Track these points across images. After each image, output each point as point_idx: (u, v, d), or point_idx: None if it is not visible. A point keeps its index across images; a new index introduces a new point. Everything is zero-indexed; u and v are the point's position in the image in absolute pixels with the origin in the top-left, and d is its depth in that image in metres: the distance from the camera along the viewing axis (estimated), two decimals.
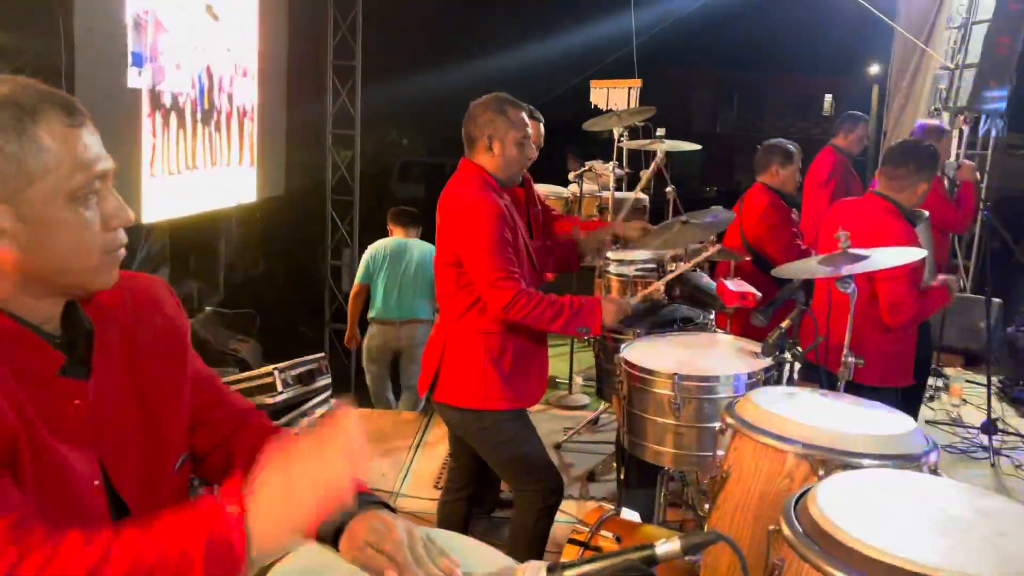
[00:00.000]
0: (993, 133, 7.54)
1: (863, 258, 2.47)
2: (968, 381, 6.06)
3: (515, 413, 2.83)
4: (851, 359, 2.52)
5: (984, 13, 7.26)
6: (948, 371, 6.40)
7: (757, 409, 1.81)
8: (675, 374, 2.60)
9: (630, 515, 2.76)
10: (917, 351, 4.79)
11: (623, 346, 2.89)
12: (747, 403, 1.87)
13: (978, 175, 6.51)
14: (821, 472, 1.58)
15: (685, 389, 2.62)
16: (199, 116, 5.83)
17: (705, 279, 3.60)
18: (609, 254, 5.09)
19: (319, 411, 4.33)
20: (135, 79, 4.99)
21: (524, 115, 2.86)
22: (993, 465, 4.82)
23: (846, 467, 1.59)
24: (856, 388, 3.27)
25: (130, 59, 4.91)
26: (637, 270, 4.58)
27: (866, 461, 1.64)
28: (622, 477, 3.10)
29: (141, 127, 5.07)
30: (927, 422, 5.50)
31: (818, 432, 1.70)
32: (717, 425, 2.04)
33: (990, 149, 7.72)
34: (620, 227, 3.59)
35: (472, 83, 10.61)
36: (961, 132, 7.75)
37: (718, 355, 2.84)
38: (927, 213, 3.62)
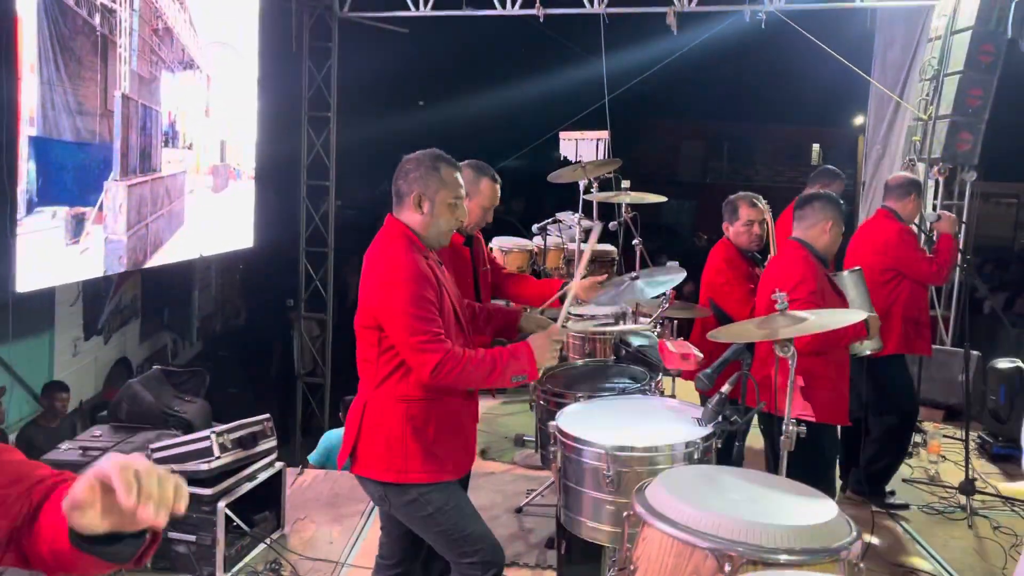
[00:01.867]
0: (968, 182, 7.49)
1: (801, 320, 2.33)
2: (946, 436, 5.89)
3: (443, 484, 2.65)
4: (792, 427, 2.36)
5: (955, 65, 7.25)
6: (927, 426, 6.24)
7: (666, 495, 1.65)
8: (609, 445, 2.43)
9: None
10: (900, 405, 4.74)
11: (559, 412, 2.73)
12: (657, 487, 1.70)
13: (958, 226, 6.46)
14: (727, 569, 1.41)
15: (620, 461, 2.46)
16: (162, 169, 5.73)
17: (650, 340, 3.46)
18: (571, 310, 4.98)
19: (263, 475, 4.14)
20: None
21: (458, 175, 2.74)
22: (971, 527, 4.64)
23: (757, 563, 1.43)
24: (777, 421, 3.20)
25: None
26: (596, 326, 4.44)
27: (782, 557, 1.47)
28: (563, 551, 2.91)
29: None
30: (904, 480, 5.32)
31: (728, 523, 1.54)
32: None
33: (967, 198, 7.67)
34: (574, 287, 3.49)
35: (449, 132, 10.63)
36: (937, 183, 7.71)
37: (659, 422, 2.68)
38: (858, 267, 3.63)
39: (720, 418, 2.55)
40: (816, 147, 28.03)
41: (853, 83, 9.06)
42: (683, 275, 3.56)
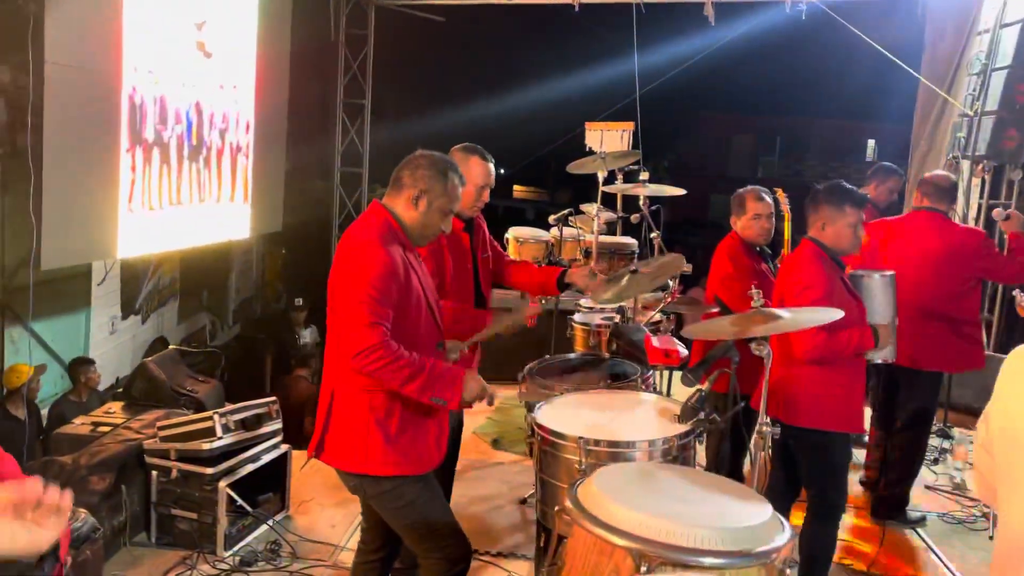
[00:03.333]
0: (1016, 180, 7.19)
1: (776, 318, 2.26)
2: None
3: (416, 476, 2.64)
4: (767, 428, 2.29)
5: (1004, 60, 6.98)
6: (956, 432, 6.04)
7: (596, 493, 1.61)
8: (581, 437, 2.40)
9: None
10: (919, 423, 4.58)
11: (538, 405, 2.70)
12: (589, 485, 1.67)
13: None
14: (643, 569, 1.38)
15: (593, 455, 2.42)
16: (186, 152, 5.83)
17: (641, 334, 3.39)
18: (580, 301, 4.93)
19: (266, 456, 4.19)
20: None
21: (461, 190, 2.73)
22: (991, 538, 4.46)
23: (676, 565, 1.39)
24: (806, 434, 3.11)
25: None
26: (603, 319, 4.39)
27: (706, 559, 1.43)
28: (541, 544, 2.88)
29: (119, 162, 5.08)
30: (927, 487, 5.16)
31: (651, 523, 1.50)
32: None
33: (1014, 197, 7.38)
34: (570, 275, 3.45)
35: (480, 125, 10.62)
36: (983, 181, 7.44)
37: (638, 418, 2.64)
38: (891, 272, 3.41)
39: (699, 416, 2.49)
40: (872, 143, 27.30)
41: (908, 76, 8.78)
42: (683, 267, 3.49)
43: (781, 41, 10.64)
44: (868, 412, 4.38)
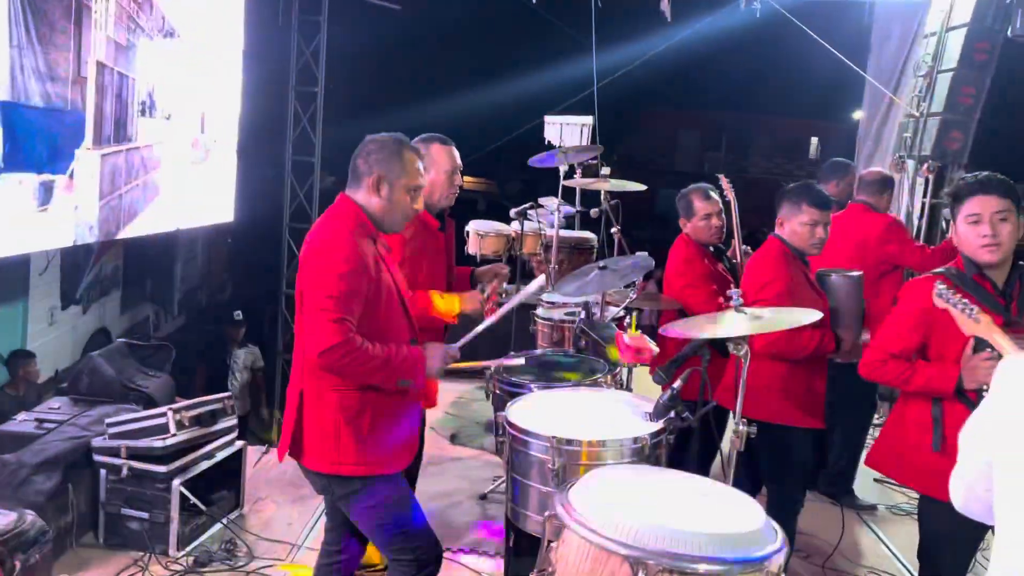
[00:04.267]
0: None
1: (755, 317, 2.27)
2: None
3: (387, 476, 2.59)
4: (743, 427, 2.30)
5: (949, 62, 7.16)
6: None
7: (589, 497, 1.59)
8: (554, 436, 2.37)
9: None
10: (861, 405, 4.74)
11: (509, 403, 2.67)
12: (580, 488, 1.64)
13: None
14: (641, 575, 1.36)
15: (566, 454, 2.40)
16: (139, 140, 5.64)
17: (610, 331, 3.39)
18: (544, 296, 4.92)
19: (221, 453, 4.08)
20: None
21: (420, 164, 2.66)
22: None
23: (673, 572, 1.37)
24: (766, 428, 3.13)
25: None
26: (566, 314, 4.38)
27: (701, 566, 1.41)
28: (510, 543, 2.86)
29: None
30: (875, 480, 5.28)
31: (646, 529, 1.48)
32: None
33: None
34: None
35: (434, 114, 10.53)
36: (927, 181, 7.64)
37: (610, 416, 2.63)
38: (859, 273, 3.45)
39: (671, 414, 2.49)
40: (815, 140, 27.91)
41: (852, 77, 8.97)
42: (652, 264, 3.49)
43: (733, 39, 10.76)
44: None
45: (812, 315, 2.46)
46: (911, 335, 2.76)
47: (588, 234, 5.88)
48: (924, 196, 7.64)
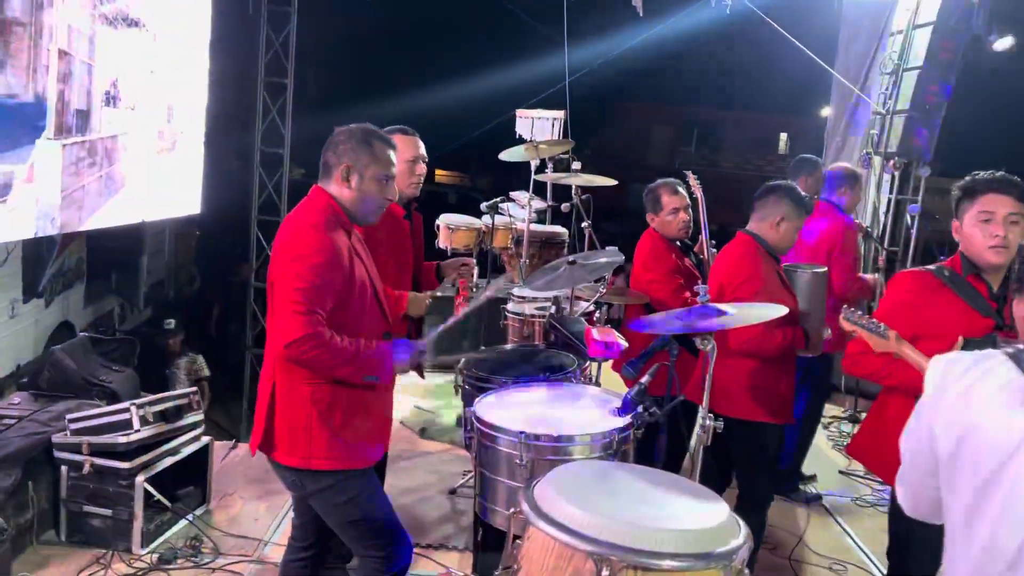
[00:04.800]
0: (923, 177, 7.51)
1: (722, 313, 2.28)
2: None
3: (359, 471, 2.56)
4: (710, 422, 2.31)
5: (915, 60, 7.26)
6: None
7: (554, 495, 1.58)
8: (522, 432, 2.37)
9: None
10: (812, 401, 4.82)
11: (477, 398, 2.66)
12: (546, 485, 1.64)
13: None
14: (605, 573, 1.36)
15: (533, 449, 2.40)
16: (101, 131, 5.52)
17: (580, 326, 3.39)
18: (514, 291, 4.91)
19: (187, 449, 4.02)
20: None
21: (391, 153, 2.63)
22: None
23: (637, 568, 1.37)
24: (737, 424, 3.15)
25: None
26: (536, 309, 4.38)
27: (665, 562, 1.41)
28: (478, 538, 2.86)
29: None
30: (840, 472, 5.37)
31: (611, 526, 1.48)
32: None
33: (920, 193, 7.70)
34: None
35: (405, 107, 10.45)
36: (893, 177, 7.74)
37: (578, 411, 2.63)
38: (824, 268, 3.49)
39: (639, 409, 2.49)
40: (784, 136, 28.17)
41: (821, 74, 9.05)
42: (621, 259, 3.49)
43: (704, 35, 10.82)
44: None
45: (778, 310, 2.48)
46: (898, 329, 2.67)
47: (559, 228, 5.88)
48: (890, 192, 7.75)
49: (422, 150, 3.38)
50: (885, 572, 4.02)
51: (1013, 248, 2.58)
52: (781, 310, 2.48)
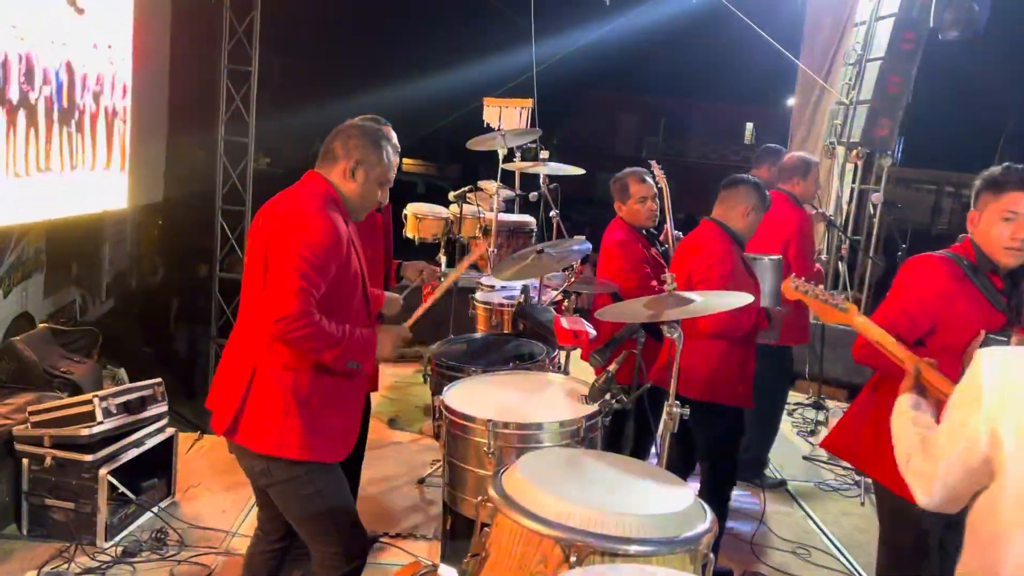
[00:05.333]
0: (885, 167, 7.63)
1: (688, 301, 2.30)
2: None
3: (328, 465, 2.54)
4: (676, 409, 2.34)
5: (878, 51, 7.36)
6: (830, 404, 6.41)
7: (522, 482, 1.59)
8: (490, 420, 2.37)
9: (448, 573, 2.52)
10: (773, 392, 4.88)
11: (446, 387, 2.66)
12: (514, 473, 1.65)
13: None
14: (573, 559, 1.37)
15: (502, 437, 2.41)
16: (56, 115, 5.40)
17: (548, 315, 3.40)
18: (482, 280, 4.91)
19: (151, 441, 3.97)
20: None
21: (396, 159, 2.65)
22: (863, 504, 4.77)
23: (604, 553, 1.38)
24: (701, 407, 3.18)
25: None
26: (504, 298, 4.38)
27: (632, 547, 1.43)
28: (447, 527, 2.86)
29: None
30: (804, 457, 5.46)
31: (578, 512, 1.49)
32: None
33: (883, 183, 7.82)
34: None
35: (373, 96, 10.37)
36: (856, 167, 7.85)
37: (546, 399, 2.64)
38: (780, 257, 3.57)
39: (607, 396, 2.51)
40: (750, 126, 28.45)
41: (786, 64, 9.14)
42: (589, 248, 3.51)
43: (671, 24, 10.86)
44: None
45: (743, 298, 2.51)
46: (920, 318, 2.54)
47: (527, 217, 5.89)
48: (853, 182, 7.87)
49: (395, 140, 3.37)
50: (848, 556, 4.13)
51: None
52: (747, 298, 2.51)
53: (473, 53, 11.69)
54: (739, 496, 4.65)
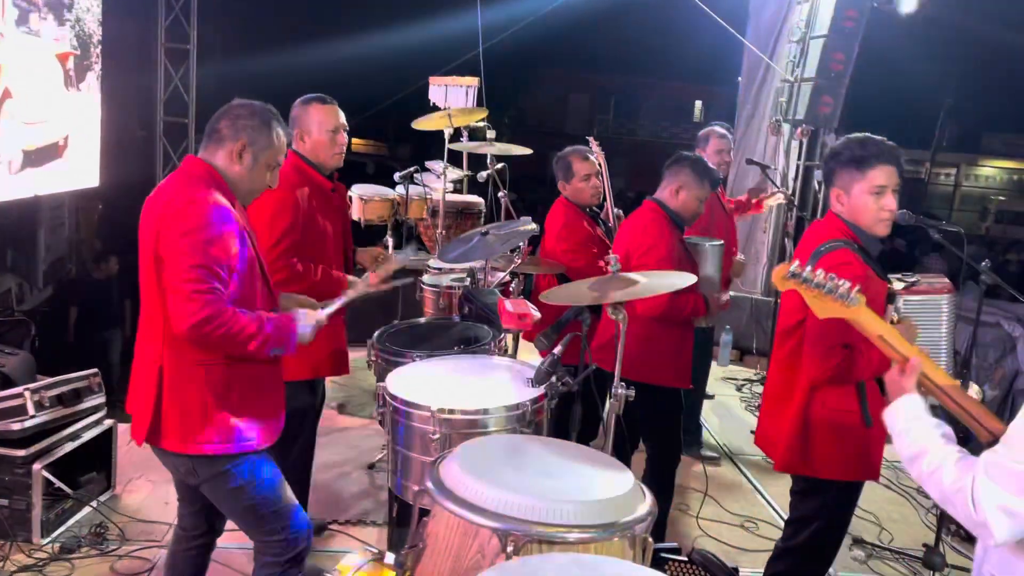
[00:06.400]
0: (829, 144, 7.72)
1: (633, 283, 2.28)
2: None
3: (254, 453, 2.47)
4: (622, 390, 2.33)
5: (821, 29, 7.42)
6: None
7: (458, 471, 1.56)
8: (435, 407, 2.33)
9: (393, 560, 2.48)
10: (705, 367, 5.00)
11: (390, 373, 2.61)
12: (451, 461, 1.62)
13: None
14: (509, 549, 1.34)
15: (448, 423, 2.37)
16: None
17: (494, 297, 3.37)
18: (430, 263, 4.86)
19: (88, 434, 3.85)
20: None
21: (286, 141, 2.54)
22: None
23: (543, 541, 1.36)
24: (642, 388, 3.19)
25: None
26: (452, 280, 4.34)
27: (571, 535, 1.41)
28: (394, 514, 2.82)
29: None
30: (752, 432, 5.52)
31: (515, 500, 1.47)
32: None
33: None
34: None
35: (317, 74, 10.16)
36: (801, 144, 7.94)
37: (492, 383, 2.61)
38: (720, 241, 3.59)
39: (553, 379, 2.49)
40: (699, 104, 28.67)
41: (734, 42, 9.18)
42: (535, 229, 3.48)
43: (621, 1, 10.84)
44: None
45: (685, 279, 2.50)
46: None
47: (475, 198, 5.83)
48: (799, 159, 7.96)
49: (342, 119, 3.30)
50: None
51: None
52: (689, 278, 2.50)
53: (419, 29, 11.52)
54: (689, 472, 4.71)
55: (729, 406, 6.16)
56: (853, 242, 2.59)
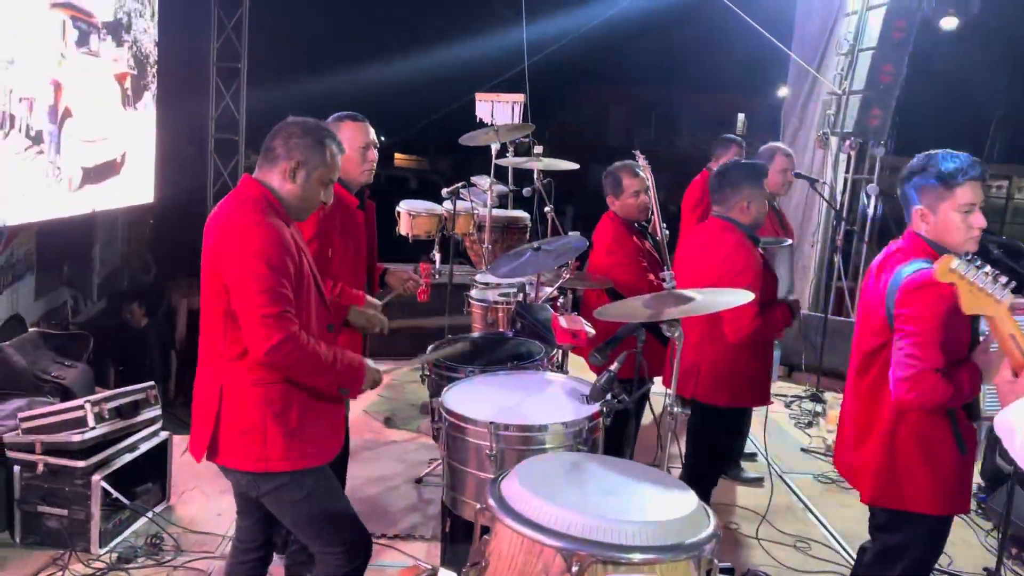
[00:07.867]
0: (878, 157, 7.63)
1: (688, 300, 2.27)
2: None
3: (315, 468, 2.51)
4: (677, 409, 2.31)
5: (870, 41, 7.33)
6: (827, 396, 6.40)
7: (520, 489, 1.56)
8: (491, 422, 2.34)
9: None
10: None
11: (445, 388, 2.63)
12: (512, 479, 1.62)
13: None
14: (575, 569, 1.34)
15: (504, 439, 2.37)
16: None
17: (546, 313, 3.37)
18: (477, 277, 4.88)
19: (145, 445, 3.93)
20: None
21: (340, 158, 2.57)
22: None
23: (607, 563, 1.35)
24: (706, 410, 3.17)
25: None
26: (500, 295, 4.35)
27: (636, 555, 1.40)
28: (447, 529, 2.83)
29: None
30: (802, 449, 5.45)
31: (579, 520, 1.46)
32: None
33: (876, 172, 7.81)
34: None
35: (363, 91, 10.31)
36: (849, 157, 7.84)
37: (547, 399, 2.61)
38: (790, 241, 3.54)
39: (608, 396, 2.48)
40: (741, 116, 28.42)
41: (778, 54, 9.10)
42: (586, 244, 3.48)
43: (661, 14, 10.83)
44: None
45: (744, 296, 2.48)
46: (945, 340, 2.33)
47: (521, 213, 5.85)
48: (846, 172, 7.86)
49: (372, 136, 3.33)
50: (848, 548, 4.12)
51: None
52: (746, 296, 2.48)
53: (464, 47, 11.61)
54: (742, 490, 4.65)
55: (778, 423, 6.08)
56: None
